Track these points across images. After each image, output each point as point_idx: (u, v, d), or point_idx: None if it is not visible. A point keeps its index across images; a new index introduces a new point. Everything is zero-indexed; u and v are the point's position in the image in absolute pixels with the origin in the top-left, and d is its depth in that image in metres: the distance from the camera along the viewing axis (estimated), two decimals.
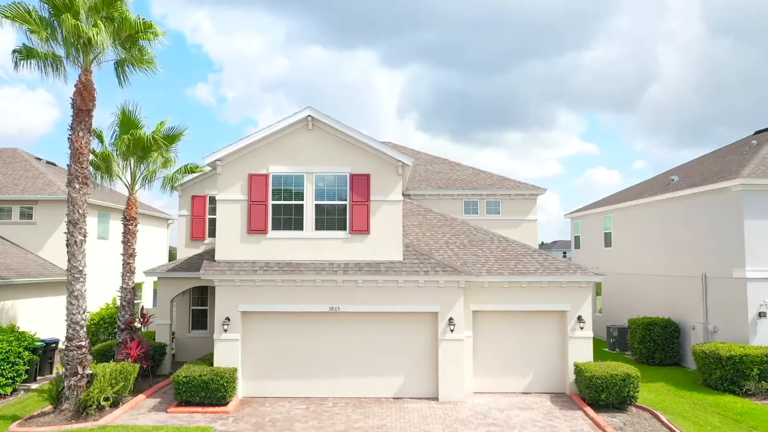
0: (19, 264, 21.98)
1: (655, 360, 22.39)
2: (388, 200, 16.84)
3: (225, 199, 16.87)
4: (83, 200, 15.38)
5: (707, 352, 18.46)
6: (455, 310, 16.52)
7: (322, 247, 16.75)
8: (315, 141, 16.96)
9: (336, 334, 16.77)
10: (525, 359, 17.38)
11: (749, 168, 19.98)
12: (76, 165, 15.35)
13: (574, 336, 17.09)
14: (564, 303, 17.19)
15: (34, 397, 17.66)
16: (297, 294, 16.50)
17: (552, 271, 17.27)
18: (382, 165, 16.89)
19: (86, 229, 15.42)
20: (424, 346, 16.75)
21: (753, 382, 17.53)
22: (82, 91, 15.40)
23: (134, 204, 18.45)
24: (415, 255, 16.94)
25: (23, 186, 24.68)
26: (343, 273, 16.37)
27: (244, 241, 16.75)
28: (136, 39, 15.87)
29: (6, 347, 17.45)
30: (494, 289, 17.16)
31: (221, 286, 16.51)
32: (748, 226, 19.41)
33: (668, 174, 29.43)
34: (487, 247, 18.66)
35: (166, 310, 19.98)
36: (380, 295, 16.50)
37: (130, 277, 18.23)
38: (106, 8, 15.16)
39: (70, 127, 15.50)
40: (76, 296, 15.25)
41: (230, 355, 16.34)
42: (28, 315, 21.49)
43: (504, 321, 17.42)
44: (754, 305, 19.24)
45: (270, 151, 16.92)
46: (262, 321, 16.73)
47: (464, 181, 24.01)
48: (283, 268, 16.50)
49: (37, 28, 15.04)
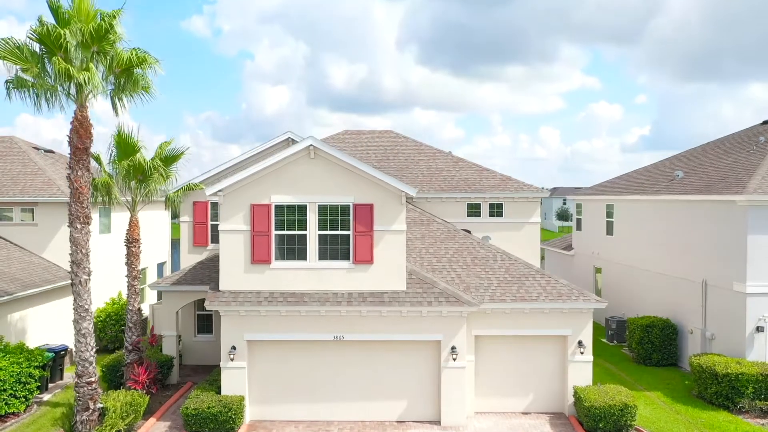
0: (23, 271, 22.09)
1: (653, 361, 22.88)
2: (392, 230, 16.77)
3: (228, 230, 16.79)
4: (86, 240, 15.33)
5: (704, 367, 18.83)
6: (458, 338, 16.76)
7: (326, 276, 16.81)
8: (317, 170, 16.72)
9: (340, 360, 17.08)
10: (526, 381, 17.76)
11: (755, 181, 19.76)
12: (77, 205, 15.21)
13: (574, 360, 17.40)
14: (565, 328, 17.41)
15: (47, 414, 18.17)
16: (301, 323, 16.69)
17: (554, 297, 17.40)
18: (385, 194, 16.72)
19: (90, 267, 15.44)
20: (427, 372, 17.09)
21: (747, 400, 17.97)
22: (79, 129, 15.08)
23: (136, 225, 18.37)
24: (419, 283, 17.02)
25: (23, 185, 24.46)
26: (347, 304, 16.51)
27: (248, 271, 16.80)
28: (131, 71, 15.36)
29: (17, 369, 17.75)
30: (497, 314, 17.34)
31: (226, 315, 16.68)
32: (751, 240, 19.40)
33: (672, 161, 29.15)
34: (490, 267, 18.72)
35: (171, 322, 20.26)
36: (384, 324, 16.69)
37: (135, 298, 18.38)
38: (97, 42, 14.60)
39: (69, 166, 15.26)
40: (83, 334, 15.45)
41: (237, 383, 16.69)
42: (35, 323, 21.77)
43: (506, 344, 17.69)
44: (753, 319, 19.49)
45: (272, 180, 16.71)
46: (268, 348, 16.99)
47: (467, 182, 23.79)
48: (288, 298, 16.62)
49: (29, 65, 14.56)
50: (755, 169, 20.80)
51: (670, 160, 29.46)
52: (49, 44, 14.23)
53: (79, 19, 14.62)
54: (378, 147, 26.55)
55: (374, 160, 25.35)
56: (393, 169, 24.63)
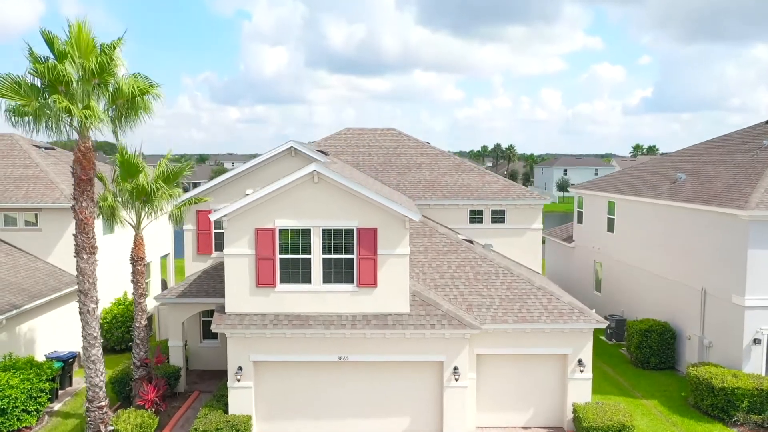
0: (29, 279, 22.29)
1: (651, 365, 23.31)
2: (395, 254, 16.90)
3: (233, 254, 16.92)
4: (92, 269, 15.48)
5: (701, 379, 19.21)
6: (460, 359, 17.07)
7: (330, 299, 17.02)
8: (321, 194, 16.76)
9: (345, 379, 17.43)
10: (526, 396, 18.16)
11: (757, 195, 19.76)
12: (83, 236, 15.31)
13: (574, 378, 17.75)
14: (566, 347, 17.72)
15: (59, 427, 18.66)
16: (306, 345, 16.97)
17: (555, 317, 17.65)
18: (389, 219, 16.79)
19: (97, 296, 15.63)
20: (430, 390, 17.46)
21: (742, 413, 18.40)
22: (82, 160, 15.10)
23: (141, 243, 18.47)
24: (422, 305, 17.23)
25: (25, 189, 24.47)
26: (351, 327, 16.76)
27: (253, 294, 17.00)
28: (133, 102, 15.24)
29: (28, 386, 18.12)
30: (499, 334, 17.62)
31: (233, 337, 16.95)
32: (751, 254, 19.55)
33: (675, 158, 29.08)
34: (492, 283, 18.92)
35: (177, 332, 20.57)
36: (387, 345, 16.98)
37: (142, 315, 18.61)
38: (98, 76, 14.45)
39: (73, 197, 15.30)
40: (93, 361, 15.75)
41: (244, 402, 17.08)
42: (43, 332, 22.06)
43: (507, 361, 18.02)
44: (750, 332, 19.78)
45: (276, 204, 16.76)
46: (274, 368, 17.32)
47: (469, 187, 23.79)
48: (293, 321, 16.86)
49: (28, 100, 14.44)
50: (758, 180, 20.78)
51: (672, 158, 29.39)
52: (49, 80, 14.09)
53: (78, 50, 14.46)
54: (380, 148, 26.45)
55: (377, 162, 25.30)
56: (396, 173, 24.62)
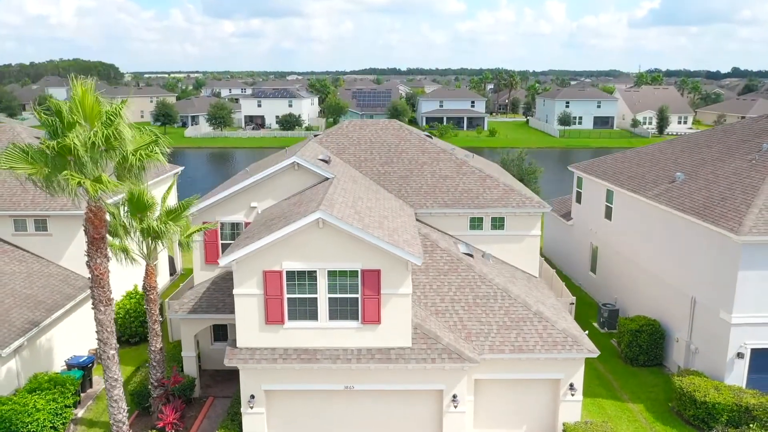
0: (44, 289, 23.09)
1: (639, 362, 24.59)
2: (398, 293, 17.62)
3: (242, 294, 17.64)
4: (110, 320, 16.25)
5: (685, 390, 20.47)
6: (459, 387, 18.18)
7: (336, 335, 17.91)
8: (326, 238, 17.25)
9: (350, 404, 18.65)
10: (520, 415, 19.47)
11: (751, 218, 20.18)
12: (99, 290, 15.98)
13: (565, 400, 18.96)
14: (558, 373, 18.83)
15: None
16: (314, 376, 18.05)
17: (550, 346, 18.62)
18: (392, 261, 17.37)
19: (116, 343, 16.50)
20: (431, 415, 18.70)
21: (721, 426, 19.77)
22: (93, 220, 15.52)
23: (152, 273, 19.13)
24: (423, 339, 18.14)
25: (33, 194, 24.76)
26: (356, 361, 17.76)
27: (263, 330, 17.87)
28: (141, 163, 15.46)
29: (53, 406, 19.38)
30: (496, 362, 18.66)
31: (245, 369, 18.00)
32: (741, 276, 20.27)
33: (675, 146, 29.16)
34: (490, 308, 19.77)
35: (190, 344, 21.61)
36: (390, 375, 18.05)
37: (157, 340, 19.55)
38: (106, 143, 14.61)
39: (87, 254, 15.82)
40: (116, 400, 16.90)
41: (257, 428, 18.37)
42: (60, 339, 23.10)
43: (503, 385, 19.20)
44: (734, 346, 20.84)
45: (283, 247, 17.30)
46: (284, 396, 18.49)
47: (470, 193, 24.12)
48: (301, 355, 17.83)
49: (38, 167, 14.68)
50: (753, 196, 21.14)
51: (673, 146, 29.47)
52: (59, 149, 14.29)
53: (84, 115, 14.58)
54: (382, 144, 26.53)
55: (378, 164, 25.51)
56: (398, 177, 24.90)
